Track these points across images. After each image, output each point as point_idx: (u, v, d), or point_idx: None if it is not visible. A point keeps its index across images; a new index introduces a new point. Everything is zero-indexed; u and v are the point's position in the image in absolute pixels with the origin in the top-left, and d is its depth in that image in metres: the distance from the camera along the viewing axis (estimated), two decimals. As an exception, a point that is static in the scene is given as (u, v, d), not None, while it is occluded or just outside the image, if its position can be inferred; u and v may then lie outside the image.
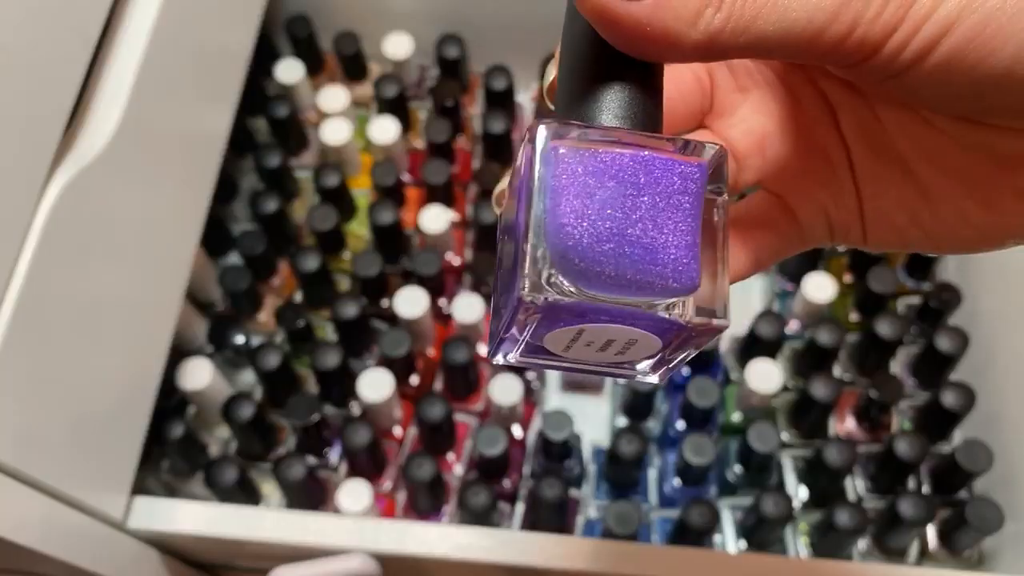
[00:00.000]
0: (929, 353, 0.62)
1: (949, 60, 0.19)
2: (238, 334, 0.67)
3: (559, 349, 0.22)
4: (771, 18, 0.20)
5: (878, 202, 0.25)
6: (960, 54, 0.19)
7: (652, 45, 0.20)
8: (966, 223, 0.23)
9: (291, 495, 0.58)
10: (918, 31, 0.19)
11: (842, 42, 0.20)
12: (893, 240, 0.25)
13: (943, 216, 0.24)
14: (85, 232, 0.43)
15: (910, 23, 0.19)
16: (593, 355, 0.22)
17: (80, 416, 0.45)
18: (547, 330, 0.21)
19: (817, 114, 0.26)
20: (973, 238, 0.24)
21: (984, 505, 0.54)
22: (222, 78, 0.58)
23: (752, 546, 0.58)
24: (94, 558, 0.47)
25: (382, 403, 0.58)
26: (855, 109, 0.25)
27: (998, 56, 0.19)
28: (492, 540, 0.51)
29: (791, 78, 0.26)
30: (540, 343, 0.22)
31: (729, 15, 0.20)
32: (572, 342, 0.22)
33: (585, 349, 0.22)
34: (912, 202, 0.24)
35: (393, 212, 0.64)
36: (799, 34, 0.20)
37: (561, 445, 0.57)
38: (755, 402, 0.60)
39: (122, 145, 0.45)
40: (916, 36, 0.19)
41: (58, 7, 0.40)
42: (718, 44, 0.20)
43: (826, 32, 0.19)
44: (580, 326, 0.21)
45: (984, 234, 0.24)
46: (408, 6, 0.75)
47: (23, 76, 0.38)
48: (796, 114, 0.26)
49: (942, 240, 0.24)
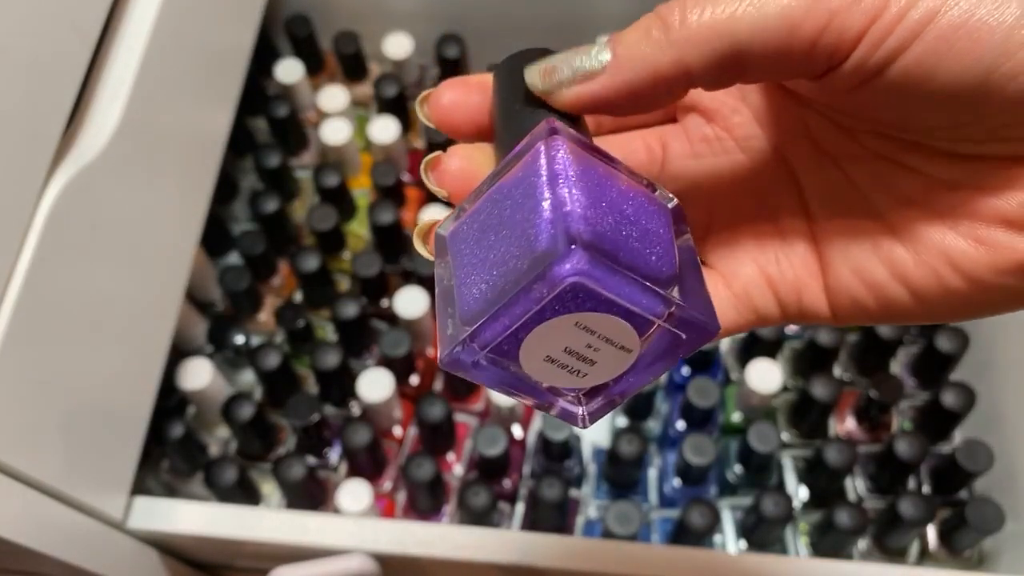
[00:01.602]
0: (929, 353, 0.62)
1: (929, 54, 0.19)
2: (238, 334, 0.67)
3: (539, 361, 0.21)
4: (745, 18, 0.19)
5: (850, 261, 0.23)
6: (942, 47, 0.19)
7: (637, 95, 0.21)
8: (956, 268, 0.21)
9: (291, 495, 0.58)
10: (903, 18, 0.19)
11: (819, 35, 0.19)
12: (870, 303, 0.23)
13: (930, 263, 0.22)
14: (85, 232, 0.43)
15: (893, 10, 0.19)
16: (574, 368, 0.21)
17: (80, 416, 0.44)
18: (527, 333, 0.20)
19: (774, 179, 0.25)
20: (964, 290, 0.21)
21: (984, 505, 0.54)
22: (222, 78, 0.58)
23: (752, 546, 0.58)
24: (94, 558, 0.47)
25: (382, 403, 0.58)
26: (820, 168, 0.24)
27: (974, 55, 0.18)
28: (492, 540, 0.50)
29: (751, 139, 0.25)
30: (519, 341, 0.21)
31: (699, 23, 0.20)
32: (547, 361, 0.21)
33: (565, 356, 0.21)
34: (892, 252, 0.22)
35: (393, 212, 0.64)
36: (775, 30, 0.19)
37: (561, 445, 0.57)
38: (755, 402, 0.60)
39: (122, 145, 0.45)
40: (900, 25, 0.19)
41: (58, 7, 0.40)
42: (691, 56, 0.20)
43: (802, 26, 0.19)
44: (564, 331, 0.20)
45: (978, 282, 0.21)
46: (408, 6, 0.75)
47: (23, 76, 0.38)
48: (748, 181, 0.25)
49: (929, 294, 0.22)
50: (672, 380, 0.65)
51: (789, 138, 0.25)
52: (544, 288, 0.19)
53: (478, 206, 0.22)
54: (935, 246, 0.22)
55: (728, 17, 0.19)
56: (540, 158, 0.20)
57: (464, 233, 0.22)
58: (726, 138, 0.26)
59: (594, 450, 0.63)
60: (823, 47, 0.19)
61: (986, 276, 0.21)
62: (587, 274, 0.19)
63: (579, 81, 0.21)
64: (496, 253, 0.20)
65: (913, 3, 0.19)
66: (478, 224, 0.21)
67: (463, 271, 0.21)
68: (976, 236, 0.21)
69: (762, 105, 0.25)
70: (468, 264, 0.21)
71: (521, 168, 0.21)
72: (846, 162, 0.23)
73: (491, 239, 0.21)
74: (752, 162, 0.25)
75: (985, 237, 0.21)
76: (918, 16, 0.19)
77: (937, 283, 0.22)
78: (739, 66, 0.20)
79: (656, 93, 0.21)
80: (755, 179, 0.25)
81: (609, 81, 0.21)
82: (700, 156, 0.26)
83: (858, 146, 0.23)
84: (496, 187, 0.21)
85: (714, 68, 0.20)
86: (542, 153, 0.20)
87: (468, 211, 0.22)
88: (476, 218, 0.21)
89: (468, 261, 0.21)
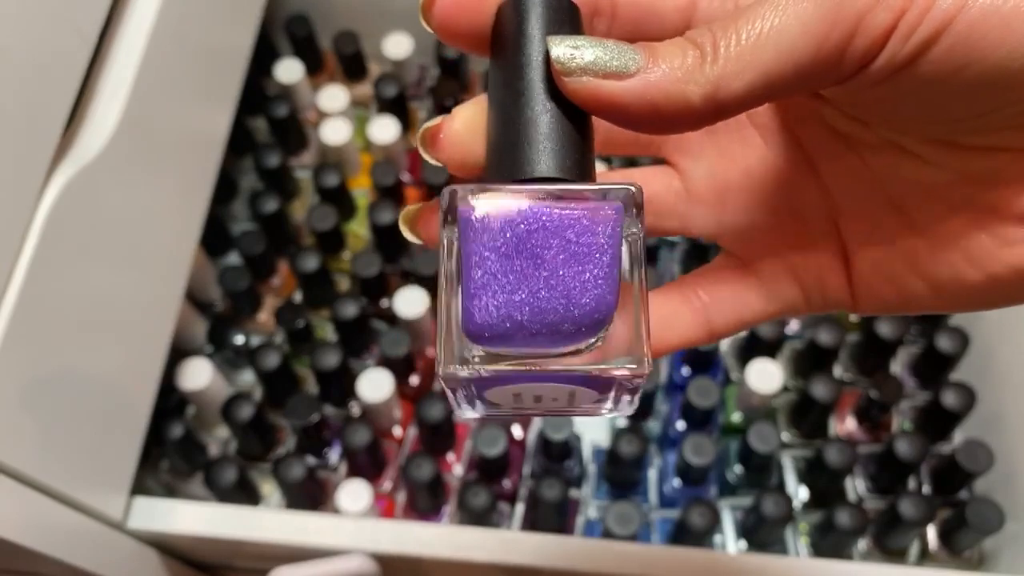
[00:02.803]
0: (929, 353, 0.62)
1: (960, 43, 0.18)
2: (238, 334, 0.67)
3: (508, 405, 0.22)
4: (768, 46, 0.19)
5: (870, 252, 0.23)
6: (975, 34, 0.18)
7: (659, 116, 0.19)
8: (973, 262, 0.21)
9: (291, 495, 0.58)
10: (931, 8, 0.18)
11: (848, 41, 0.19)
12: (890, 295, 0.23)
13: (948, 257, 0.22)
14: (84, 231, 0.43)
15: (920, 2, 0.18)
16: (548, 405, 0.22)
17: (80, 416, 0.44)
18: (484, 391, 0.21)
19: (793, 165, 0.24)
20: (982, 283, 0.21)
21: (984, 505, 0.54)
22: (222, 78, 0.58)
23: (752, 546, 0.58)
24: (93, 558, 0.47)
25: (382, 403, 0.58)
26: (839, 156, 0.24)
27: (1010, 43, 0.18)
28: (492, 540, 0.50)
29: (768, 125, 0.25)
30: (490, 400, 0.22)
31: (726, 57, 0.19)
32: (516, 398, 0.22)
33: (535, 402, 0.22)
34: (910, 244, 0.22)
35: (393, 212, 0.64)
36: (801, 52, 0.19)
37: (561, 445, 0.57)
38: (755, 402, 0.60)
39: (121, 144, 0.44)
40: (928, 15, 0.18)
41: (58, 7, 0.40)
42: (724, 92, 0.19)
43: (830, 35, 0.18)
44: (513, 387, 0.21)
45: (994, 277, 0.21)
46: (408, 6, 0.75)
47: (23, 75, 0.38)
48: (767, 164, 0.25)
49: (946, 287, 0.22)
50: (672, 380, 0.65)
51: (803, 122, 0.24)
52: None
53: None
54: (953, 240, 0.22)
55: (754, 49, 0.19)
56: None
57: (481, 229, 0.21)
58: (746, 125, 0.25)
59: (594, 450, 0.63)
60: (853, 51, 0.19)
61: (1002, 272, 0.21)
62: (464, 379, 0.20)
63: (602, 75, 0.19)
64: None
65: None
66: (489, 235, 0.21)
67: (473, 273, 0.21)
68: (994, 232, 0.21)
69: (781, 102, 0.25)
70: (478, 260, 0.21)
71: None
72: (863, 149, 0.23)
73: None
74: (766, 140, 0.25)
75: (1002, 233, 0.21)
76: (947, 5, 0.18)
77: (955, 277, 0.22)
78: (768, 95, 0.19)
79: (677, 120, 0.20)
80: (770, 160, 0.25)
81: (638, 89, 0.19)
82: (714, 131, 0.25)
83: (874, 135, 0.23)
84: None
85: (743, 103, 0.19)
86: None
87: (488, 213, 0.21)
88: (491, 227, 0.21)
89: (479, 257, 0.21)
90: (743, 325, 0.25)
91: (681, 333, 0.24)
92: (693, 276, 0.25)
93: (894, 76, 0.19)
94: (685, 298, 0.24)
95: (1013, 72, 0.18)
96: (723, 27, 0.19)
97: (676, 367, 0.65)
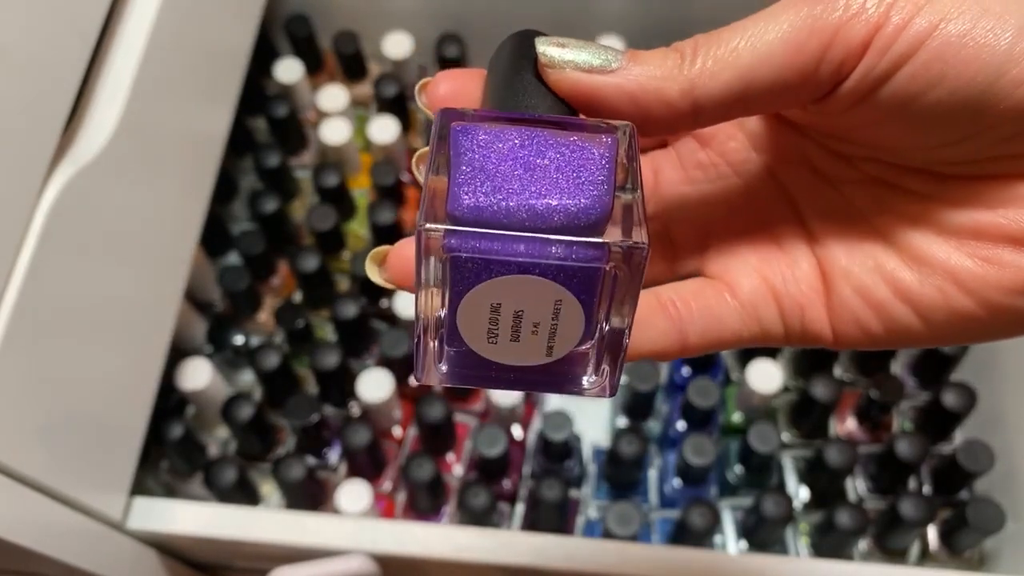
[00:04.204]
0: (929, 353, 0.62)
1: (934, 62, 0.19)
2: (237, 334, 0.67)
3: (482, 341, 0.21)
4: (745, 50, 0.20)
5: (851, 279, 0.23)
6: (948, 53, 0.19)
7: (637, 108, 0.21)
8: (962, 287, 0.21)
9: (290, 495, 0.58)
10: (906, 27, 0.19)
11: (824, 52, 0.19)
12: (872, 322, 0.22)
13: (935, 282, 0.21)
14: (84, 232, 0.43)
15: (895, 20, 0.19)
16: (523, 349, 0.21)
17: (79, 416, 0.44)
18: (462, 294, 0.20)
19: (772, 202, 0.24)
20: (971, 309, 0.21)
21: (985, 505, 0.54)
22: (221, 78, 0.58)
23: (753, 547, 0.58)
24: (93, 559, 0.47)
25: (382, 403, 0.58)
26: (818, 192, 0.24)
27: (980, 62, 0.18)
28: (492, 541, 0.50)
29: (745, 167, 0.25)
30: (460, 336, 0.21)
31: (704, 58, 0.20)
32: (492, 326, 0.21)
33: (510, 340, 0.21)
34: (895, 271, 0.22)
35: (393, 212, 0.64)
36: (779, 57, 0.19)
37: (561, 445, 0.57)
38: (755, 402, 0.60)
39: (121, 145, 0.44)
40: (904, 33, 0.19)
41: (58, 7, 0.40)
42: (701, 89, 0.20)
43: (807, 45, 0.19)
44: (491, 283, 0.20)
45: (986, 301, 0.21)
46: (408, 6, 0.74)
47: (22, 75, 0.38)
48: (745, 204, 0.25)
49: (935, 315, 0.21)
50: (672, 380, 0.64)
51: (786, 164, 0.24)
52: (418, 241, 0.20)
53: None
54: (940, 265, 0.21)
55: (732, 52, 0.20)
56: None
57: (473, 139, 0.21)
58: (721, 164, 0.25)
59: (594, 450, 0.63)
60: (830, 61, 0.19)
61: (994, 296, 0.21)
62: (456, 247, 0.19)
63: (586, 70, 0.21)
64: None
65: (916, 12, 0.19)
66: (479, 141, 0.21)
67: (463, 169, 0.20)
68: (983, 255, 0.21)
69: (758, 131, 0.25)
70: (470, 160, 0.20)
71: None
72: (845, 186, 0.23)
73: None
74: (749, 187, 0.25)
75: (991, 256, 0.21)
76: (923, 25, 0.19)
77: (944, 303, 0.21)
78: (745, 99, 0.20)
79: (656, 115, 0.21)
80: (753, 203, 0.25)
81: (617, 81, 0.21)
82: (695, 182, 0.25)
83: (856, 171, 0.23)
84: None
85: (721, 104, 0.20)
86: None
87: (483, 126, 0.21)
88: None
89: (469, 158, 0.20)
90: (719, 345, 0.24)
91: (654, 340, 0.23)
92: (672, 287, 0.25)
93: (871, 95, 0.20)
94: (662, 305, 0.24)
95: (981, 92, 0.19)
96: (706, 37, 0.20)
97: (676, 367, 0.65)
